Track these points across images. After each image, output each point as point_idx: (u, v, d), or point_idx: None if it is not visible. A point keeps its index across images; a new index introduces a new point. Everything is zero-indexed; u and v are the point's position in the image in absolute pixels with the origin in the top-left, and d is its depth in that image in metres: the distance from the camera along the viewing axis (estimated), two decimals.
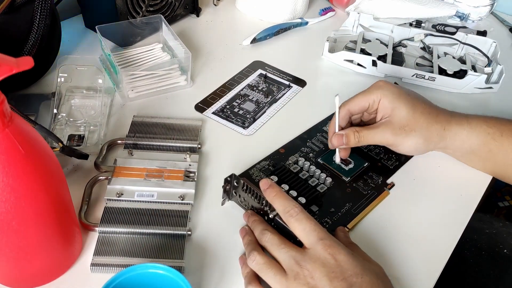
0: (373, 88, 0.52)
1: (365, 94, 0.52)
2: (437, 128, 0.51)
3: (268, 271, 0.39)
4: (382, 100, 0.51)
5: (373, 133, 0.51)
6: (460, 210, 0.51)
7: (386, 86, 0.51)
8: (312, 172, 0.53)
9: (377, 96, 0.51)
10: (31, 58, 0.30)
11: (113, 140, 0.54)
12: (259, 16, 0.84)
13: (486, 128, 0.51)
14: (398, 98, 0.50)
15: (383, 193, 0.52)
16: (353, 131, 0.51)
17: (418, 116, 0.50)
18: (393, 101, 0.50)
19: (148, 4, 0.72)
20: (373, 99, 0.51)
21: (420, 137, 0.50)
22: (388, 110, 0.51)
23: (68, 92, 0.59)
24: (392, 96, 0.50)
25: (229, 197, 0.48)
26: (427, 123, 0.50)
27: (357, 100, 0.52)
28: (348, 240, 0.45)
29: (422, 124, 0.50)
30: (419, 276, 0.44)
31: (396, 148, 0.52)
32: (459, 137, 0.51)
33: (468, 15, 0.89)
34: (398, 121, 0.50)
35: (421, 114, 0.50)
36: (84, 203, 0.46)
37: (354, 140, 0.51)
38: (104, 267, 0.41)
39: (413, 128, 0.50)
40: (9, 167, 0.32)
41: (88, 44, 0.72)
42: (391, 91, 0.51)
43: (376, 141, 0.52)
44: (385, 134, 0.51)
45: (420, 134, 0.50)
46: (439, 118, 0.51)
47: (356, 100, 0.52)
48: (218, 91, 0.65)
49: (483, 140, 0.51)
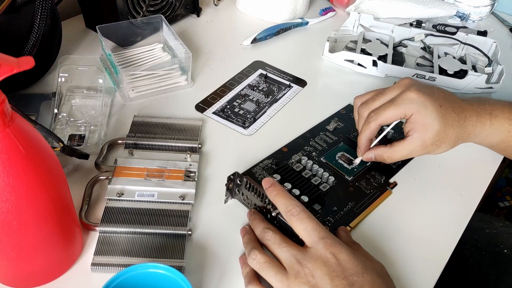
0: (405, 101, 0.49)
1: (396, 107, 0.49)
2: (463, 134, 0.52)
3: (269, 269, 0.39)
4: (415, 116, 0.49)
5: (405, 151, 0.51)
6: (461, 210, 0.51)
7: (419, 100, 0.49)
8: (315, 171, 0.53)
9: (410, 112, 0.49)
10: (32, 58, 0.30)
11: (114, 140, 0.54)
12: (259, 16, 0.84)
13: (508, 126, 0.52)
14: (430, 114, 0.49)
15: (386, 193, 0.52)
16: (386, 152, 0.51)
17: (448, 130, 0.50)
18: (426, 118, 0.49)
19: (148, 4, 0.72)
20: (405, 114, 0.49)
21: (448, 145, 0.51)
22: (419, 126, 0.49)
23: (69, 92, 0.59)
24: (425, 112, 0.49)
25: (232, 195, 0.48)
26: (456, 133, 0.51)
27: (389, 114, 0.50)
28: (350, 239, 0.45)
29: (451, 136, 0.51)
30: (419, 275, 0.44)
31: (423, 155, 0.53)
32: (480, 136, 0.53)
33: (469, 15, 0.89)
34: (430, 138, 0.50)
35: (451, 127, 0.50)
36: (84, 203, 0.46)
37: (387, 160, 0.52)
38: (104, 267, 0.41)
39: (443, 141, 0.50)
40: (10, 166, 0.32)
41: (88, 44, 0.73)
42: (424, 107, 0.49)
43: (407, 156, 0.52)
44: (417, 150, 0.51)
45: (448, 144, 0.51)
46: (466, 124, 0.51)
47: (387, 114, 0.50)
48: (219, 91, 0.65)
49: (504, 138, 0.53)
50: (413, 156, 0.52)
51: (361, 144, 0.52)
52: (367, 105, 0.52)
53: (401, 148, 0.51)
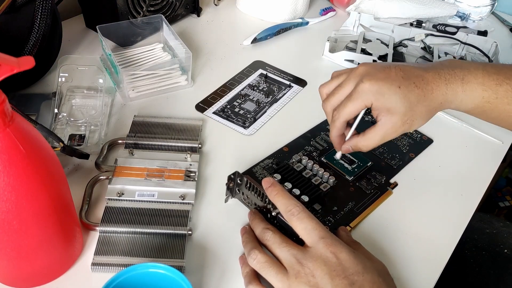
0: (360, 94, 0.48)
1: (354, 102, 0.49)
2: (435, 104, 0.49)
3: (269, 269, 0.39)
4: (375, 104, 0.48)
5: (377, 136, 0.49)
6: (461, 210, 0.51)
7: (372, 89, 0.48)
8: (316, 170, 0.53)
9: (368, 102, 0.48)
10: (32, 58, 0.30)
11: (114, 140, 0.54)
12: (259, 16, 0.84)
13: (481, 92, 0.49)
14: (389, 98, 0.47)
15: (386, 193, 0.52)
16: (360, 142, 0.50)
17: (415, 106, 0.48)
18: (386, 103, 0.48)
19: (148, 4, 0.72)
20: (364, 105, 0.49)
21: (422, 120, 0.49)
22: (383, 111, 0.48)
23: (69, 92, 0.59)
24: (383, 98, 0.47)
25: (232, 194, 0.48)
26: (425, 107, 0.49)
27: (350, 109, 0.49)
28: (351, 239, 0.45)
29: (421, 111, 0.48)
30: (419, 275, 0.44)
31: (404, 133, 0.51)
32: (454, 103, 0.50)
33: (469, 15, 0.89)
34: (398, 119, 0.48)
35: (417, 103, 0.48)
36: (85, 203, 0.46)
37: (363, 148, 0.50)
38: (104, 267, 0.41)
39: (414, 119, 0.48)
40: (10, 166, 0.32)
41: (89, 44, 0.73)
42: (380, 93, 0.48)
43: (383, 141, 0.50)
44: (389, 133, 0.49)
45: (421, 119, 0.49)
46: (434, 94, 0.49)
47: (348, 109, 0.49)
48: (219, 91, 0.65)
49: (478, 103, 0.50)
50: (389, 139, 0.50)
51: (334, 141, 0.52)
52: (329, 102, 0.51)
53: (374, 135, 0.49)
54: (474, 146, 0.60)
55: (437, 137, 0.60)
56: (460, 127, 0.62)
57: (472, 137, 0.61)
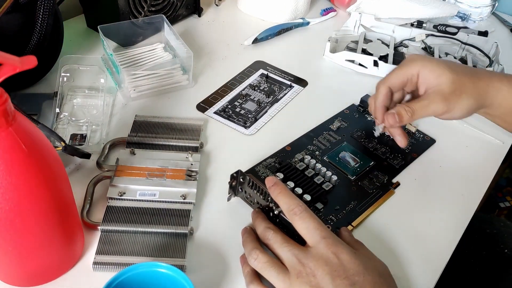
0: (408, 62, 0.51)
1: (402, 68, 0.50)
2: (482, 86, 0.50)
3: (270, 269, 0.39)
4: (422, 72, 0.49)
5: (425, 105, 0.49)
6: (462, 210, 0.51)
7: (419, 57, 0.50)
8: (318, 170, 0.53)
9: (415, 69, 0.50)
10: (34, 57, 0.30)
11: (115, 140, 0.54)
12: (260, 16, 0.84)
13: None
14: (437, 65, 0.49)
15: (389, 192, 0.52)
16: (403, 107, 0.49)
17: (462, 77, 0.49)
18: (434, 70, 0.49)
19: (150, 4, 0.72)
20: (411, 73, 0.50)
21: (470, 97, 0.49)
22: (431, 80, 0.49)
23: (70, 92, 0.60)
24: (430, 65, 0.49)
25: (235, 193, 0.49)
26: (473, 82, 0.49)
27: (396, 75, 0.50)
28: (353, 239, 0.45)
29: (468, 85, 0.49)
30: (420, 275, 0.44)
31: (449, 115, 0.50)
32: (501, 93, 0.50)
33: (469, 16, 0.89)
34: (447, 87, 0.48)
35: (464, 75, 0.49)
36: (86, 202, 0.46)
37: (407, 115, 0.49)
38: (106, 266, 0.41)
39: (462, 91, 0.49)
40: (12, 165, 0.32)
41: (90, 44, 0.73)
42: (428, 61, 0.50)
43: (430, 112, 0.50)
44: (438, 103, 0.49)
45: (470, 95, 0.49)
46: (481, 75, 0.50)
47: (394, 75, 0.51)
48: (220, 91, 0.65)
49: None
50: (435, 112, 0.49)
51: (376, 109, 0.52)
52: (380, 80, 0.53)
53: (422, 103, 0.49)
54: (475, 146, 0.60)
55: (440, 138, 0.60)
56: (461, 127, 0.62)
57: (473, 137, 0.61)
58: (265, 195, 0.44)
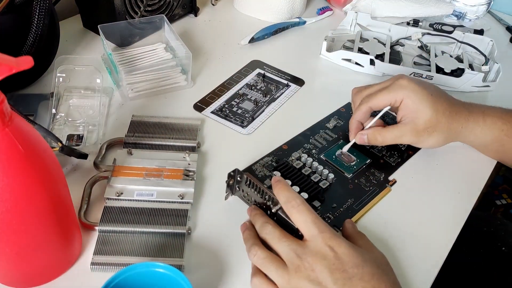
0: (396, 87, 0.52)
1: (388, 92, 0.52)
2: (456, 127, 0.52)
3: (269, 265, 0.39)
4: (405, 101, 0.51)
5: (398, 136, 0.52)
6: (458, 208, 0.51)
7: (409, 86, 0.51)
8: (315, 168, 0.53)
9: (400, 96, 0.51)
10: (31, 58, 0.30)
11: (112, 140, 0.54)
12: (257, 16, 0.84)
13: (500, 125, 0.53)
14: (421, 100, 0.51)
15: (385, 190, 0.52)
16: (377, 134, 0.53)
17: (440, 117, 0.51)
18: (416, 103, 0.51)
19: (146, 4, 0.72)
20: (395, 99, 0.51)
21: (441, 136, 0.52)
22: (410, 112, 0.51)
23: (67, 92, 0.59)
24: (415, 97, 0.51)
25: (232, 191, 0.49)
26: (448, 123, 0.52)
27: (380, 98, 0.52)
28: (356, 230, 0.45)
29: (443, 125, 0.51)
30: (417, 273, 0.44)
31: (416, 145, 0.54)
32: (474, 133, 0.53)
33: (465, 14, 0.90)
34: (421, 123, 0.51)
35: (442, 115, 0.51)
36: (83, 203, 0.46)
37: (378, 141, 0.53)
38: (104, 266, 0.41)
39: (435, 129, 0.51)
40: (9, 166, 0.32)
41: (86, 44, 0.73)
42: (414, 92, 0.51)
43: (398, 141, 0.53)
44: (408, 135, 0.52)
45: (441, 133, 0.52)
46: (458, 116, 0.52)
47: (378, 98, 0.52)
48: (217, 91, 0.65)
49: (497, 136, 0.53)
50: (404, 140, 0.53)
51: (352, 125, 0.54)
52: (360, 92, 0.55)
53: (394, 130, 0.52)
54: None
55: None
56: None
57: None
58: (262, 194, 0.44)
